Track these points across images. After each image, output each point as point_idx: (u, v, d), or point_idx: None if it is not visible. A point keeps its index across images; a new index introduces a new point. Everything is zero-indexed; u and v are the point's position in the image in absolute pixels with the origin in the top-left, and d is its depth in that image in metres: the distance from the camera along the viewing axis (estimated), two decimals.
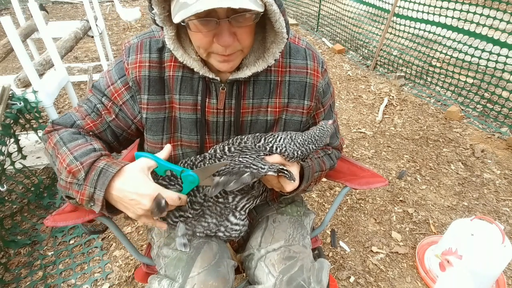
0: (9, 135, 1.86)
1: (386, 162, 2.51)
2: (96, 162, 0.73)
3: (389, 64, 3.98)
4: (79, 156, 0.74)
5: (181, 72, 0.81)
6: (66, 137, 0.80)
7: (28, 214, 2.00)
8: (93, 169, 0.72)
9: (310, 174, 0.86)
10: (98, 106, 0.85)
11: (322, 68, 0.88)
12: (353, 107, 3.29)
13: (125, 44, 0.84)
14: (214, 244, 0.91)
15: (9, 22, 1.75)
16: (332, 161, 1.00)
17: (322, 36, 5.23)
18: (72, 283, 1.65)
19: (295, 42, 0.86)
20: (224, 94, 0.83)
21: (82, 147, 0.77)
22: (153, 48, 0.81)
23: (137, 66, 0.80)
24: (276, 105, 0.86)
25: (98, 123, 0.85)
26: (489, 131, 2.83)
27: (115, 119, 0.86)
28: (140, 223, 0.80)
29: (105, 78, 0.85)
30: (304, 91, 0.86)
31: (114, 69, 0.84)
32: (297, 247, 0.93)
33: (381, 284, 1.64)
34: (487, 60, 2.99)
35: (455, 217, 2.02)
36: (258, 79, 0.83)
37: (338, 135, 1.05)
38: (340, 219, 2.03)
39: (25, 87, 2.13)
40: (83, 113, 0.85)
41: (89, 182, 0.71)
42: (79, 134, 0.82)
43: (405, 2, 3.62)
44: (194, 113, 0.84)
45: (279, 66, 0.84)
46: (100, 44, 3.64)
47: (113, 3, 7.82)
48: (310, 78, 0.86)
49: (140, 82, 0.81)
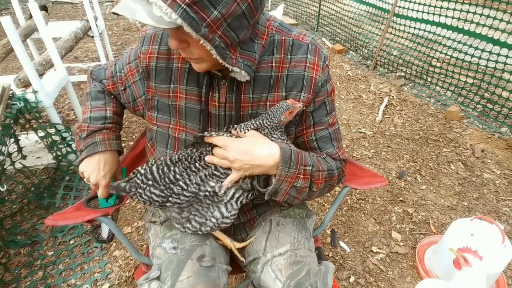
0: (9, 135, 1.86)
1: (386, 162, 2.51)
2: (97, 133, 0.95)
3: (389, 64, 3.98)
4: (92, 119, 0.97)
5: (188, 64, 0.85)
6: (94, 93, 1.02)
7: (28, 214, 2.00)
8: (91, 136, 0.95)
9: (292, 157, 0.79)
10: (118, 74, 1.00)
11: (324, 63, 0.87)
12: (353, 107, 3.29)
13: (142, 32, 0.92)
14: (207, 247, 0.90)
15: (9, 22, 1.76)
16: (329, 165, 0.90)
17: (322, 36, 5.23)
18: (72, 283, 1.65)
19: (299, 38, 0.85)
20: (225, 89, 0.85)
21: (98, 110, 0.99)
22: (163, 41, 0.87)
23: (147, 57, 0.89)
24: (275, 99, 0.87)
25: (113, 88, 1.03)
26: (489, 131, 2.83)
27: (123, 91, 1.00)
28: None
29: (127, 54, 0.98)
30: (302, 83, 0.85)
31: (133, 51, 0.95)
32: (303, 251, 0.92)
33: (381, 284, 1.64)
34: (487, 60, 2.99)
35: (455, 217, 2.02)
36: (259, 75, 0.84)
37: (334, 143, 0.95)
38: (340, 219, 2.03)
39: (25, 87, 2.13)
40: (109, 74, 1.02)
41: (84, 143, 0.95)
42: (102, 93, 1.03)
43: (405, 2, 3.62)
44: (199, 104, 0.87)
45: (281, 62, 0.84)
46: (100, 44, 3.64)
47: (113, 3, 7.82)
48: (308, 71, 0.85)
49: (149, 71, 0.90)
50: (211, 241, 0.95)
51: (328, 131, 0.93)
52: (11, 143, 1.90)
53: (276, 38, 0.83)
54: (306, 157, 0.84)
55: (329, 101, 0.92)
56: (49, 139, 2.16)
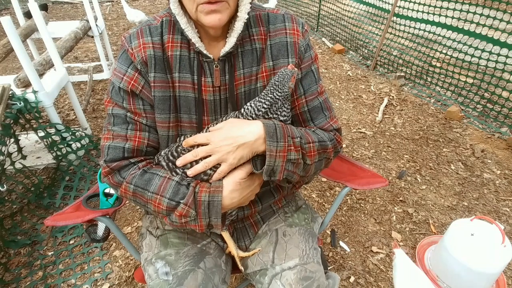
0: (9, 135, 1.86)
1: (386, 162, 2.51)
2: (197, 196, 0.79)
3: (389, 64, 3.98)
4: (174, 196, 0.79)
5: (179, 51, 0.84)
6: (139, 183, 0.82)
7: (28, 214, 2.00)
8: (200, 204, 0.78)
9: (278, 130, 0.78)
10: (128, 116, 0.85)
11: (303, 28, 0.90)
12: (353, 107, 3.29)
13: (124, 35, 0.86)
14: (199, 273, 0.89)
15: (9, 22, 1.76)
16: (320, 137, 0.87)
17: (322, 36, 5.23)
18: (72, 283, 1.65)
19: (273, 11, 0.89)
20: (219, 72, 0.85)
21: (165, 186, 0.80)
22: (153, 33, 0.84)
23: (141, 48, 0.82)
24: (263, 70, 0.87)
25: (139, 134, 0.86)
26: (489, 131, 2.83)
27: (146, 116, 0.86)
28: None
29: (115, 77, 0.85)
30: (287, 50, 0.87)
31: (119, 62, 0.85)
32: (312, 265, 0.92)
33: (381, 284, 1.64)
34: (487, 60, 2.99)
35: (455, 217, 2.02)
36: (245, 49, 0.86)
37: (326, 112, 0.93)
38: (340, 219, 2.03)
39: (25, 87, 2.13)
40: (122, 135, 0.84)
41: (203, 215, 0.79)
42: (145, 172, 0.83)
43: (405, 2, 3.61)
44: (193, 91, 0.86)
45: (261, 34, 0.87)
46: (100, 44, 3.64)
47: (113, 3, 7.82)
48: (290, 37, 0.87)
49: (147, 61, 0.83)
50: (205, 262, 0.93)
51: (319, 100, 0.93)
52: (11, 143, 1.90)
53: (251, 14, 0.85)
54: (293, 129, 0.82)
55: (315, 68, 0.93)
56: (49, 139, 2.17)
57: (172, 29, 0.84)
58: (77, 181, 2.25)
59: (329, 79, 3.89)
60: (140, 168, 0.84)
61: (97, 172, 1.42)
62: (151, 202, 0.81)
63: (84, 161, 2.37)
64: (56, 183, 2.23)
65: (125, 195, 0.85)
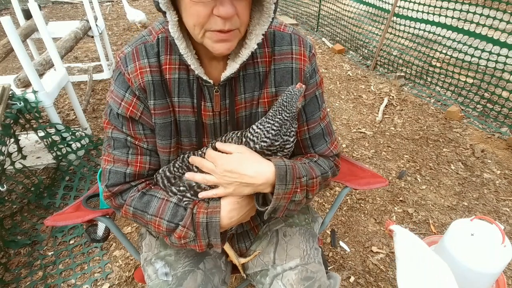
0: (9, 135, 1.86)
1: (386, 162, 2.51)
2: (195, 217, 0.79)
3: (389, 64, 3.98)
4: (173, 218, 0.80)
5: (177, 74, 0.79)
6: (138, 205, 0.82)
7: (28, 214, 2.00)
8: (198, 225, 0.79)
9: (288, 173, 0.77)
10: (128, 140, 0.83)
11: (310, 52, 0.84)
12: (353, 107, 3.29)
13: (119, 55, 0.80)
14: (199, 273, 0.89)
15: (9, 22, 1.76)
16: (323, 168, 0.88)
17: (322, 36, 5.23)
18: (72, 283, 1.65)
19: (280, 29, 0.82)
20: (219, 97, 0.81)
21: (164, 208, 0.81)
22: (150, 53, 0.78)
23: (138, 74, 0.77)
24: (265, 96, 0.84)
25: (141, 159, 0.84)
26: (489, 131, 2.83)
27: (147, 141, 0.84)
28: None
29: (112, 100, 0.80)
30: (291, 77, 0.82)
31: (116, 85, 0.80)
32: (314, 265, 0.92)
33: (381, 284, 1.64)
34: (487, 60, 2.99)
35: (455, 217, 2.02)
36: (247, 73, 0.81)
37: (327, 138, 0.92)
38: (340, 219, 2.03)
39: (25, 87, 2.13)
40: (123, 160, 0.83)
41: (202, 236, 0.79)
42: (143, 194, 0.83)
43: (405, 2, 3.61)
44: (193, 115, 0.82)
45: (266, 56, 0.81)
46: (100, 44, 3.64)
47: (113, 3, 7.82)
48: (296, 62, 0.82)
49: (145, 87, 0.78)
50: (205, 263, 0.93)
51: (321, 127, 0.91)
52: (11, 143, 1.90)
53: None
54: (300, 168, 0.80)
55: (319, 93, 0.90)
56: (49, 139, 2.17)
57: (169, 49, 0.78)
58: (77, 181, 2.25)
59: (329, 79, 3.89)
60: (139, 190, 0.83)
61: (97, 172, 1.41)
62: (151, 224, 0.81)
63: (84, 161, 2.37)
64: (56, 183, 2.23)
65: (126, 216, 0.85)
